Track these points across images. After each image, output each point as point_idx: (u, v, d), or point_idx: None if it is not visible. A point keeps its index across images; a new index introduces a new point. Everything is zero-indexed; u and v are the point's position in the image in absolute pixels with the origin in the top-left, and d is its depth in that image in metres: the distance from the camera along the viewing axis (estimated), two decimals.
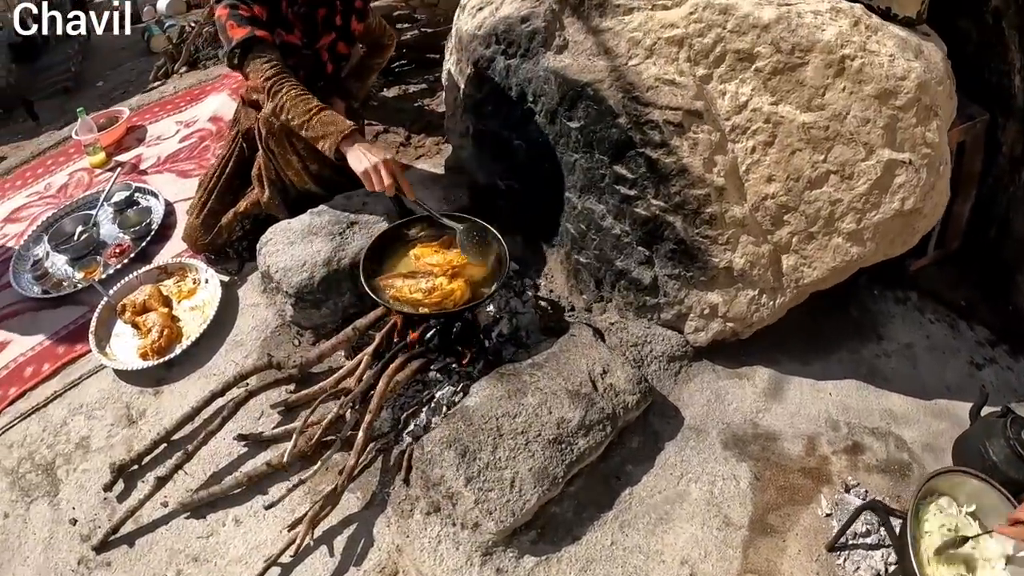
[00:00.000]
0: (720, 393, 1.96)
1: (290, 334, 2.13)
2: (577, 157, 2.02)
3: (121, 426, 2.01)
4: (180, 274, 2.43)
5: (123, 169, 3.10)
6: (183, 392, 2.07)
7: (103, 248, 2.64)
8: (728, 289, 1.91)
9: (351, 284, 2.01)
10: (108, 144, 3.29)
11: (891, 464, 1.83)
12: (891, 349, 2.14)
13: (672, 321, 2.03)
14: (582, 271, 2.14)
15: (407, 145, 2.84)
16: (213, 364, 2.13)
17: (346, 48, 2.29)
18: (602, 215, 2.02)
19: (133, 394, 2.09)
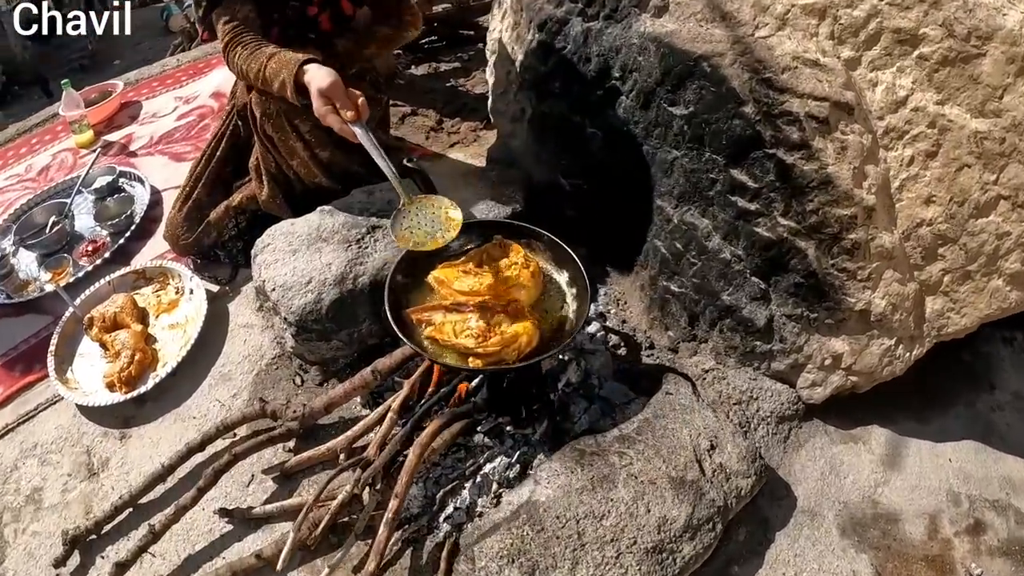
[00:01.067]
0: (835, 463, 1.49)
1: (290, 369, 1.57)
2: (678, 155, 1.44)
3: (80, 477, 1.51)
4: (161, 281, 1.87)
5: (110, 150, 2.55)
6: (155, 439, 1.55)
7: (78, 244, 2.09)
8: (859, 336, 1.39)
9: (371, 310, 1.45)
10: (98, 121, 2.74)
11: (1012, 545, 1.45)
12: (1004, 400, 1.69)
13: (784, 372, 1.49)
14: (672, 302, 1.56)
15: (439, 130, 2.26)
16: (193, 403, 1.59)
17: (350, 7, 1.71)
18: (707, 233, 1.45)
19: (96, 436, 1.59)
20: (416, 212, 1.28)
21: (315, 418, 1.41)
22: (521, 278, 1.27)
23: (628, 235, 1.60)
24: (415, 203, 1.28)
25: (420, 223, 1.28)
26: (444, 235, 1.25)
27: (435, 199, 1.30)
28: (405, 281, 1.32)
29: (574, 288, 1.34)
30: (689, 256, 1.50)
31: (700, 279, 1.49)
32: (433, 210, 1.29)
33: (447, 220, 1.27)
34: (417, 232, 1.26)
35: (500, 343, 1.16)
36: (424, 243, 1.24)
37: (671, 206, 1.50)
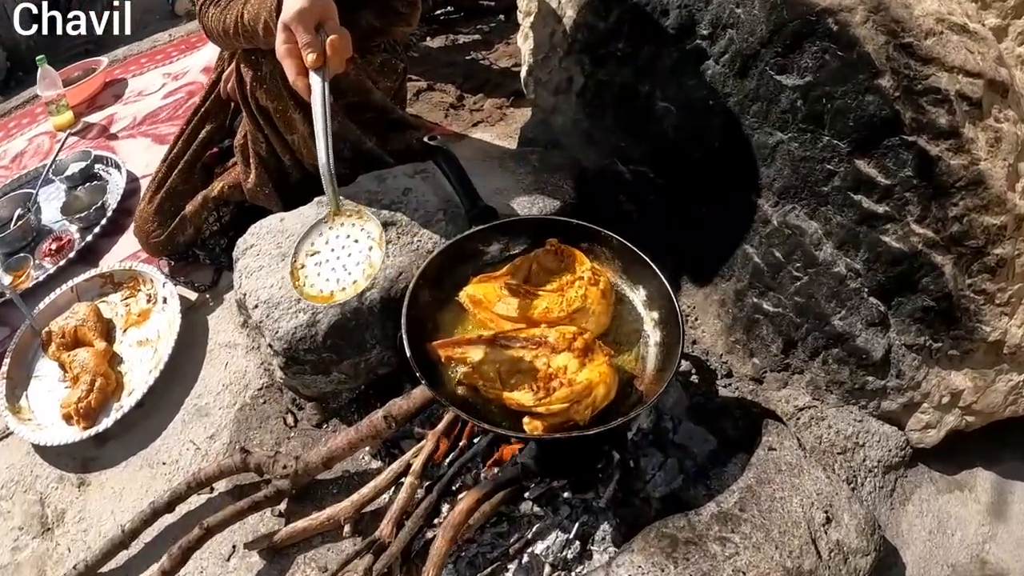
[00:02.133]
0: (942, 518, 1.16)
1: (281, 404, 1.19)
2: (783, 138, 1.05)
3: (32, 532, 1.18)
4: (130, 287, 1.49)
5: (89, 133, 2.17)
6: (117, 488, 1.20)
7: (43, 241, 1.71)
8: (984, 371, 1.04)
9: (383, 332, 1.07)
10: (79, 102, 2.35)
11: None
12: None
13: (895, 413, 1.13)
14: (763, 324, 1.18)
15: (459, 107, 1.86)
16: (163, 445, 1.23)
17: None
18: (817, 240, 1.06)
19: (51, 481, 1.24)
20: (336, 236, 0.86)
21: (311, 475, 1.03)
22: (589, 299, 0.88)
23: (707, 238, 1.20)
24: (343, 218, 0.86)
25: (333, 256, 0.84)
26: (350, 285, 0.82)
27: (366, 220, 0.86)
28: (429, 299, 0.94)
29: (655, 311, 0.95)
30: (791, 268, 1.10)
31: (805, 298, 1.10)
32: (358, 238, 0.85)
33: (365, 260, 0.83)
34: (323, 268, 0.84)
35: (568, 398, 0.77)
36: (320, 293, 0.82)
37: (770, 203, 1.10)
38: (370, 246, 0.83)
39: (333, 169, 0.84)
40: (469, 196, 1.02)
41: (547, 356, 0.81)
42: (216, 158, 1.47)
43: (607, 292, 0.91)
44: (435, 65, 2.12)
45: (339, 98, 1.28)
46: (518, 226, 1.01)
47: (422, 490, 0.96)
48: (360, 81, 1.29)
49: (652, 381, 0.88)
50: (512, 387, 0.80)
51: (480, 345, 0.83)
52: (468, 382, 0.83)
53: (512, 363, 0.82)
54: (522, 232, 1.01)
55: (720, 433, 1.11)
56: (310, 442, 1.14)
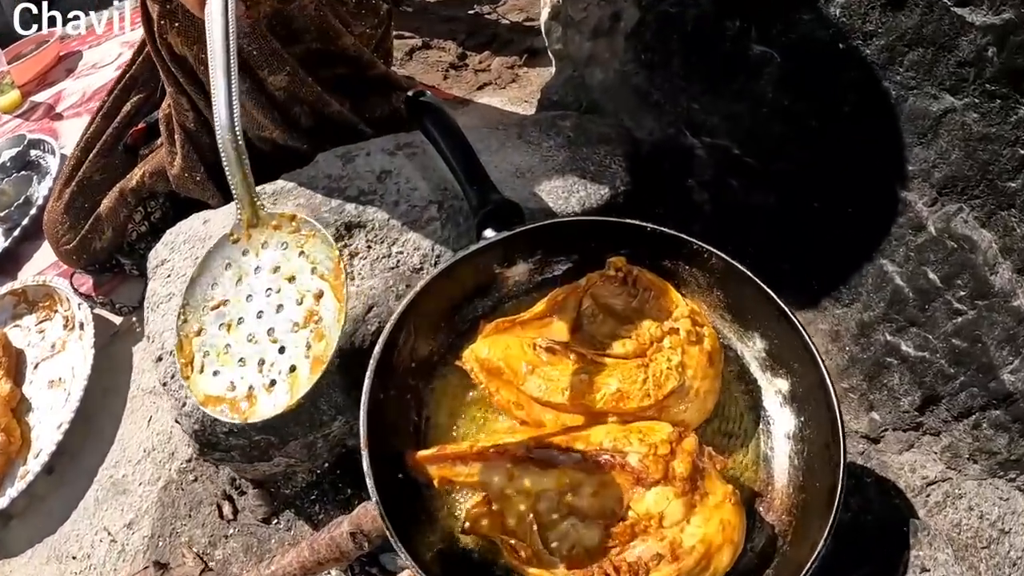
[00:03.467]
0: None
1: (216, 485, 0.80)
2: (956, 105, 0.62)
3: None
4: (46, 306, 1.11)
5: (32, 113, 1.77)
6: None
7: None
8: None
9: (347, 396, 0.66)
10: (29, 80, 1.94)
11: None
12: None
13: None
14: (895, 370, 0.76)
15: (461, 67, 1.42)
16: (73, 531, 0.88)
17: None
18: (992, 258, 0.65)
19: None
20: (256, 268, 0.46)
21: None
22: (690, 371, 0.48)
23: (818, 244, 0.78)
24: (264, 232, 0.47)
25: (252, 310, 0.45)
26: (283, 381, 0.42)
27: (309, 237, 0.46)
28: (414, 362, 0.54)
29: (782, 378, 0.54)
30: (951, 297, 0.69)
31: (966, 341, 0.69)
32: (295, 273, 0.45)
33: (309, 321, 0.43)
34: (234, 334, 0.45)
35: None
36: (227, 393, 0.43)
37: (925, 201, 0.68)
38: (317, 290, 0.42)
39: (240, 134, 0.44)
40: (477, 184, 0.61)
41: (626, 491, 0.42)
42: (141, 137, 1.05)
43: (716, 356, 0.51)
44: (432, 20, 1.67)
45: (292, 44, 0.86)
46: (558, 234, 0.59)
47: None
48: (323, 19, 0.87)
49: (789, 505, 0.49)
50: (559, 545, 0.41)
51: (503, 463, 0.43)
52: (479, 531, 0.44)
53: (560, 497, 0.43)
54: (564, 243, 0.60)
55: None
56: (255, 545, 0.75)
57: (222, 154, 0.44)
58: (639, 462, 0.43)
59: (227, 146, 0.43)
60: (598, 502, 0.43)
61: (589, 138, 0.83)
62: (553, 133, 0.84)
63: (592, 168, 0.79)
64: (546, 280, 0.61)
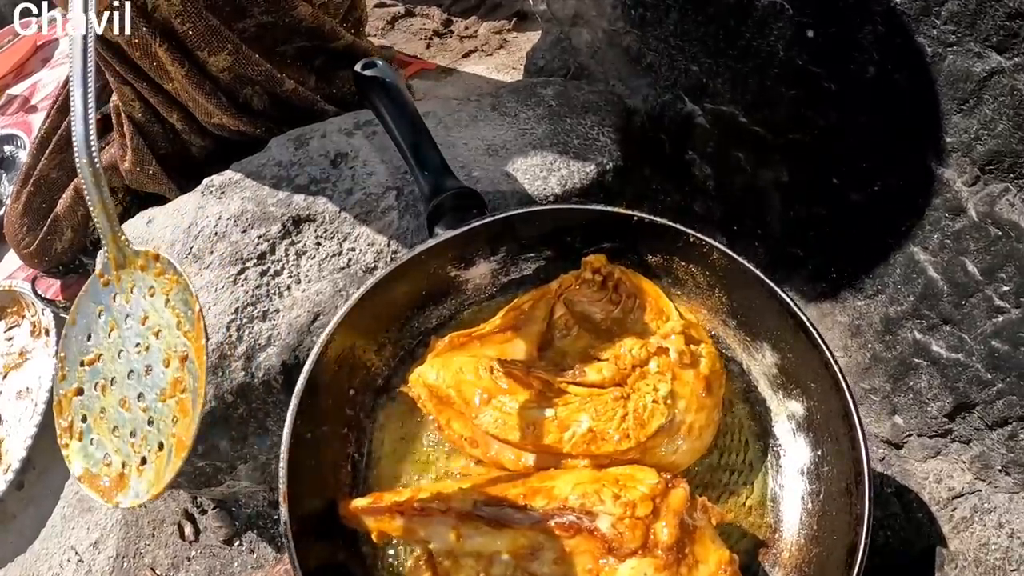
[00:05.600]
0: None
1: (178, 503, 0.74)
2: (1005, 65, 0.51)
3: None
4: (14, 312, 1.04)
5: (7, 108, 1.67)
6: None
7: None
8: None
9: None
10: (6, 72, 1.85)
11: None
12: None
13: None
14: (924, 372, 0.65)
15: (445, 34, 1.29)
16: (42, 550, 0.83)
17: None
18: None
19: None
20: (127, 316, 0.37)
21: None
22: (682, 402, 0.38)
23: (838, 226, 0.66)
24: (133, 274, 0.37)
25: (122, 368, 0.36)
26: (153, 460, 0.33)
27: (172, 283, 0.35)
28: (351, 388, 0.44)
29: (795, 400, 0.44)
30: (992, 293, 0.57)
31: (1008, 343, 0.58)
32: (160, 326, 0.36)
33: (174, 391, 0.34)
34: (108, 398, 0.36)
35: None
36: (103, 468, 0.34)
37: (965, 180, 0.56)
38: (182, 351, 0.34)
39: (98, 159, 0.36)
40: (429, 169, 0.49)
41: (594, 558, 0.32)
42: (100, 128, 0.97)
43: (715, 382, 0.40)
44: None
45: (239, 19, 0.75)
46: (525, 226, 0.48)
47: None
48: None
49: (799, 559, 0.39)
50: None
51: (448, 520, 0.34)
52: None
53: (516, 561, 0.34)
54: (534, 235, 0.49)
55: None
56: (217, 568, 0.68)
57: (80, 180, 0.36)
58: (611, 527, 0.33)
59: (83, 169, 0.35)
60: (561, 572, 0.34)
61: (573, 107, 0.72)
62: (533, 103, 0.73)
63: (576, 142, 0.68)
64: (512, 282, 0.50)
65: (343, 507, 0.38)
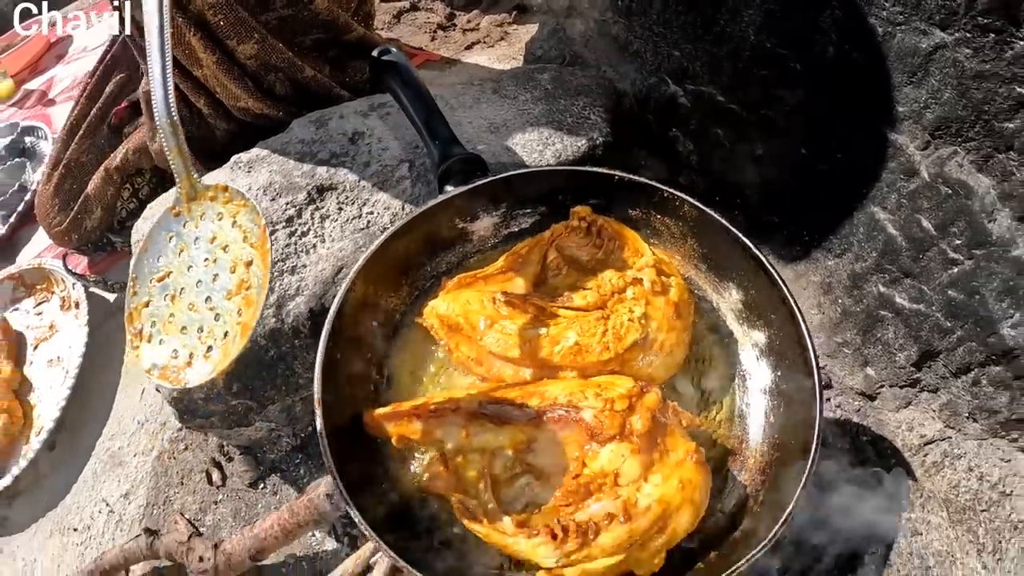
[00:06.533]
0: None
1: (205, 453, 0.82)
2: (948, 40, 0.59)
3: None
4: (44, 288, 1.12)
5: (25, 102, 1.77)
6: (30, 560, 0.92)
7: None
8: None
9: None
10: (21, 68, 1.95)
11: None
12: None
13: None
14: (890, 323, 0.74)
15: (449, 27, 1.39)
16: (74, 504, 0.92)
17: None
18: (989, 206, 0.61)
19: None
20: (196, 239, 0.46)
21: (237, 571, 0.67)
22: (655, 323, 0.46)
23: (807, 192, 0.75)
24: (203, 204, 0.47)
25: (191, 280, 0.45)
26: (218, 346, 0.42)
27: (240, 206, 0.46)
28: (374, 321, 0.53)
29: (759, 330, 0.53)
30: (946, 247, 0.66)
31: (963, 292, 0.66)
32: (228, 242, 0.45)
33: (240, 290, 0.43)
34: (177, 305, 0.45)
35: (623, 545, 0.37)
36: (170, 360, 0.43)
37: (917, 144, 0.65)
38: (248, 258, 0.42)
39: (176, 115, 0.44)
40: (439, 139, 0.59)
41: (580, 446, 0.40)
42: (125, 115, 1.05)
43: (683, 307, 0.49)
44: None
45: (262, 11, 0.84)
46: (523, 185, 0.57)
47: None
48: None
49: (762, 464, 0.47)
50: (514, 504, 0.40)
51: (458, 419, 0.42)
52: (434, 491, 0.43)
53: (515, 454, 0.42)
54: (529, 194, 0.59)
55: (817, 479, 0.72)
56: (243, 509, 0.77)
57: (159, 131, 0.45)
58: (594, 417, 0.42)
59: (163, 123, 0.45)
60: (552, 459, 0.42)
61: (567, 90, 0.81)
62: (530, 86, 0.82)
63: (570, 120, 0.77)
64: (512, 234, 0.60)
65: (368, 415, 0.46)
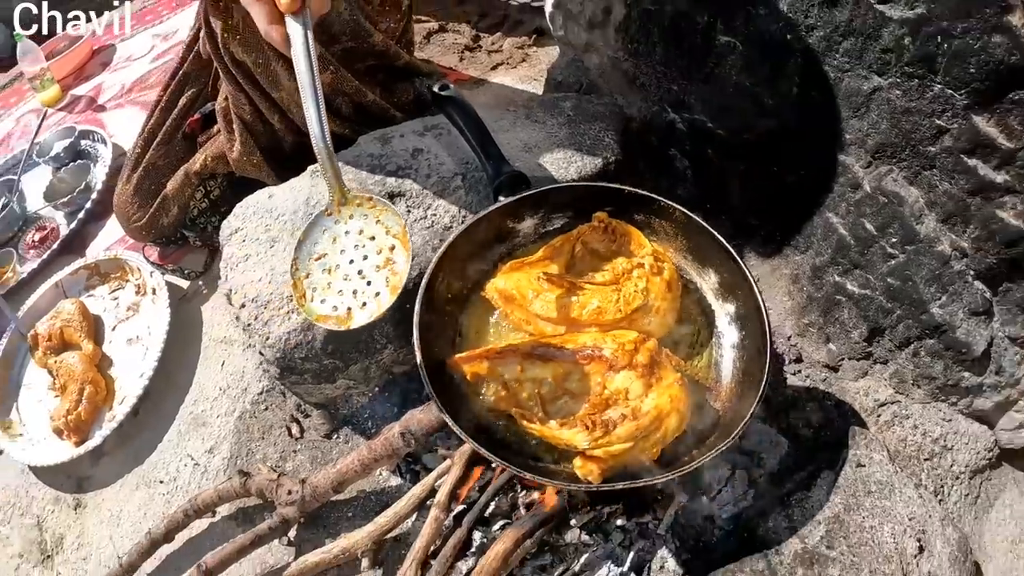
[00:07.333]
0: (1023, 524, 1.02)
1: (284, 411, 1.04)
2: (882, 84, 0.82)
3: (32, 560, 1.11)
4: (118, 277, 1.35)
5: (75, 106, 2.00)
6: (115, 511, 1.10)
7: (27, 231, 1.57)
8: None
9: (396, 331, 0.89)
10: (66, 74, 2.18)
11: None
12: None
13: (987, 412, 0.96)
14: (844, 306, 0.98)
15: (475, 49, 1.62)
16: (160, 460, 1.12)
17: None
18: (918, 211, 0.85)
19: (47, 503, 1.16)
20: (346, 232, 0.67)
21: (320, 501, 0.89)
22: (652, 294, 0.69)
23: (779, 201, 0.99)
24: (350, 208, 0.68)
25: (345, 259, 0.66)
26: (373, 301, 0.64)
27: (384, 211, 0.67)
28: (449, 294, 0.75)
29: (730, 303, 0.76)
30: (885, 244, 0.89)
31: (899, 280, 0.90)
32: (375, 234, 0.67)
33: (387, 265, 0.65)
34: (334, 275, 0.66)
35: (632, 435, 0.59)
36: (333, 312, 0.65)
37: (861, 164, 0.88)
38: (392, 245, 0.64)
39: (330, 142, 0.64)
40: (493, 159, 0.82)
41: (602, 375, 0.63)
42: (198, 126, 1.28)
43: (673, 284, 0.72)
44: (446, 3, 1.86)
45: (331, 44, 1.07)
46: (556, 196, 0.81)
47: (450, 520, 0.80)
48: (356, 22, 1.08)
49: (731, 395, 0.70)
50: (557, 414, 0.62)
51: (515, 359, 0.65)
52: (500, 408, 0.65)
53: (557, 383, 0.64)
54: (561, 203, 0.82)
55: (790, 433, 0.96)
56: (319, 457, 0.99)
57: (317, 156, 0.65)
58: (611, 355, 0.64)
59: (320, 151, 0.64)
60: (583, 384, 0.64)
61: (586, 116, 1.03)
62: (556, 113, 1.04)
63: (588, 142, 0.99)
64: (548, 232, 0.83)
65: (450, 359, 0.68)
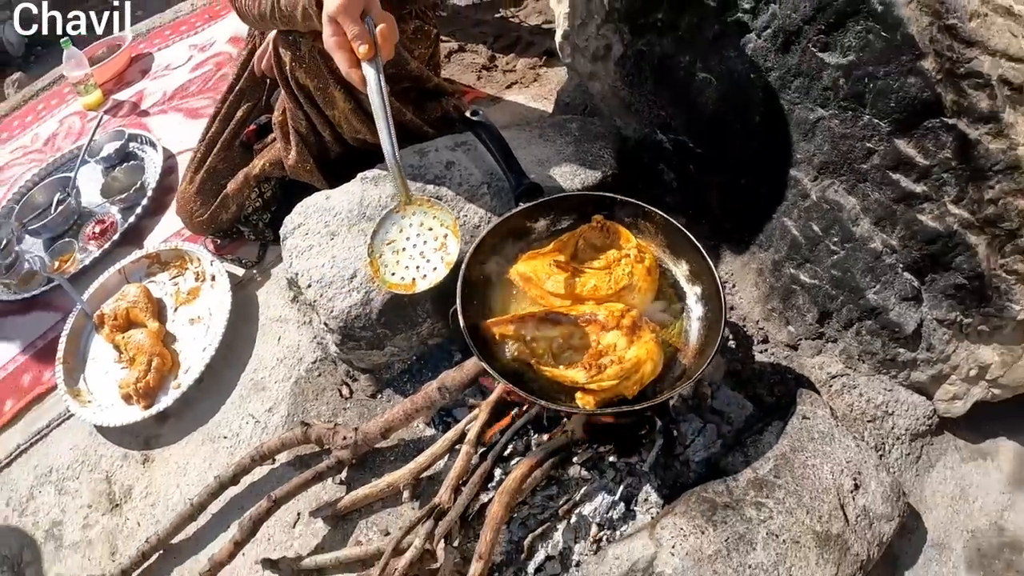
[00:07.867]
0: (964, 485, 1.26)
1: (335, 377, 1.29)
2: (824, 115, 1.09)
3: (101, 509, 1.29)
4: (178, 265, 1.59)
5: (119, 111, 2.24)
6: (181, 463, 1.31)
7: (85, 224, 1.81)
8: (1012, 347, 1.10)
9: (434, 307, 1.15)
10: (107, 80, 2.41)
11: None
12: None
13: (924, 384, 1.21)
14: (799, 294, 1.24)
15: (492, 68, 1.88)
16: (223, 420, 1.34)
17: None
18: (855, 216, 1.11)
19: (115, 460, 1.35)
20: (410, 224, 0.94)
21: (370, 445, 1.14)
22: (636, 277, 0.94)
23: (746, 208, 1.25)
24: (414, 207, 0.94)
25: (410, 244, 0.93)
26: (431, 272, 0.90)
27: (439, 209, 0.94)
28: (480, 276, 1.01)
29: (697, 286, 1.02)
30: (829, 242, 1.16)
31: (841, 271, 1.16)
32: (432, 227, 0.93)
33: (442, 248, 0.92)
34: (401, 255, 0.92)
35: (618, 375, 0.85)
36: (401, 281, 0.90)
37: (809, 178, 1.14)
38: (445, 234, 0.91)
39: (399, 158, 0.89)
40: (515, 172, 1.08)
41: (597, 334, 0.88)
42: (254, 135, 1.53)
43: (652, 269, 0.98)
44: (464, 24, 2.13)
45: None
46: (564, 202, 1.08)
47: (476, 457, 1.05)
48: (398, 52, 1.33)
49: (695, 355, 0.95)
50: (563, 363, 0.87)
51: (533, 323, 0.90)
52: (522, 358, 0.90)
53: (563, 340, 0.89)
54: (568, 208, 1.08)
55: (756, 399, 1.21)
56: (366, 412, 1.24)
57: (389, 167, 0.91)
58: (604, 319, 0.90)
59: (392, 165, 0.90)
60: (583, 341, 0.90)
61: (589, 136, 1.29)
62: (564, 133, 1.30)
63: (590, 158, 1.25)
64: (557, 230, 1.10)
65: (483, 324, 0.94)
